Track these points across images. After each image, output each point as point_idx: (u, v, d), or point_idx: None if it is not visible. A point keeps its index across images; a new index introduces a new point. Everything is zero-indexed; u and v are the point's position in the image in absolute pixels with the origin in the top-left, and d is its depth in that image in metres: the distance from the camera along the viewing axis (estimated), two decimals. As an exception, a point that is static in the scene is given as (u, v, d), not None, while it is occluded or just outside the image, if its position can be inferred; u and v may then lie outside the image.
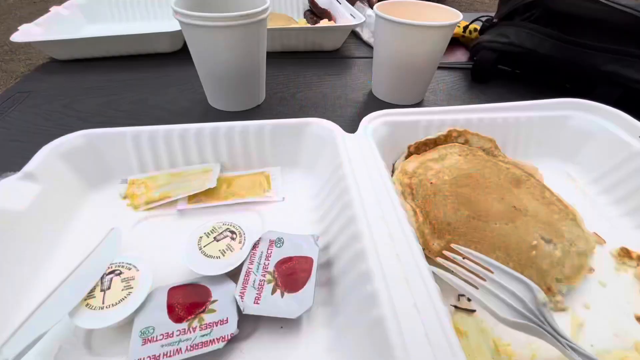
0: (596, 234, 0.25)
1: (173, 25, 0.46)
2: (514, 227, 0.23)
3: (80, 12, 0.58)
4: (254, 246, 0.22)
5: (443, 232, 0.23)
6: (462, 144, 0.30)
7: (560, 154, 0.32)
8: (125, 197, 0.27)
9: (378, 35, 0.37)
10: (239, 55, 0.33)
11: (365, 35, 0.58)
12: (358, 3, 0.63)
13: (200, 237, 0.21)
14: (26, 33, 0.46)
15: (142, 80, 0.44)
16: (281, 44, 0.51)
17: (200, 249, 0.21)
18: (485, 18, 0.50)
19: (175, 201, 0.26)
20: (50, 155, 0.25)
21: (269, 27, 0.43)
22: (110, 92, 0.42)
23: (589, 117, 0.31)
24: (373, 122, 0.29)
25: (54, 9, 0.55)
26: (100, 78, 0.45)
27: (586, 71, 0.38)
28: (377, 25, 0.37)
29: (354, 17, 0.53)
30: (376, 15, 0.36)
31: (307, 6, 0.65)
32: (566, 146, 0.32)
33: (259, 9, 0.32)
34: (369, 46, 0.56)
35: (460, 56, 0.53)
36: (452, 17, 0.36)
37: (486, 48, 0.45)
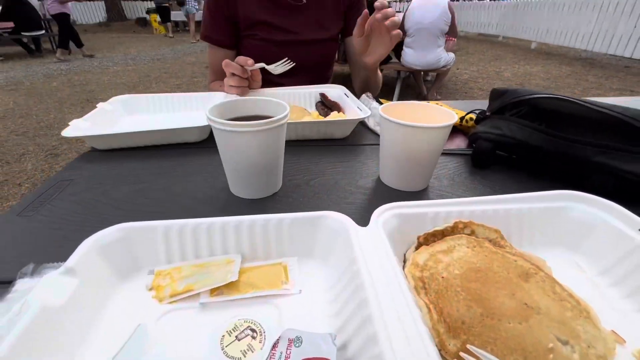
0: (614, 332, 0.25)
1: (200, 116, 0.52)
2: (528, 326, 0.23)
3: (121, 106, 0.67)
4: (274, 346, 0.22)
5: (458, 331, 0.23)
6: (469, 234, 0.32)
7: (566, 243, 0.33)
8: (151, 289, 0.28)
9: (383, 134, 0.42)
10: (262, 153, 0.38)
11: (371, 123, 0.64)
12: (364, 96, 0.71)
13: (223, 336, 0.22)
14: (75, 128, 0.53)
15: (170, 169, 0.49)
16: (296, 134, 0.57)
17: (222, 349, 0.21)
18: (479, 111, 0.56)
19: (198, 294, 0.28)
20: (89, 250, 0.28)
21: (286, 122, 0.49)
22: (142, 179, 0.46)
23: (587, 209, 0.33)
24: (383, 215, 0.32)
25: (100, 106, 0.63)
26: (134, 166, 0.50)
27: (578, 162, 0.41)
28: (382, 125, 0.42)
29: (361, 110, 0.60)
30: (381, 116, 0.41)
31: (318, 99, 0.74)
32: (570, 236, 0.33)
33: (282, 116, 0.37)
34: (375, 134, 0.62)
35: (460, 142, 0.58)
36: (449, 118, 0.41)
37: (482, 138, 0.49)
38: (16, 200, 1.82)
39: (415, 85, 3.90)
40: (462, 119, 0.59)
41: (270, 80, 0.92)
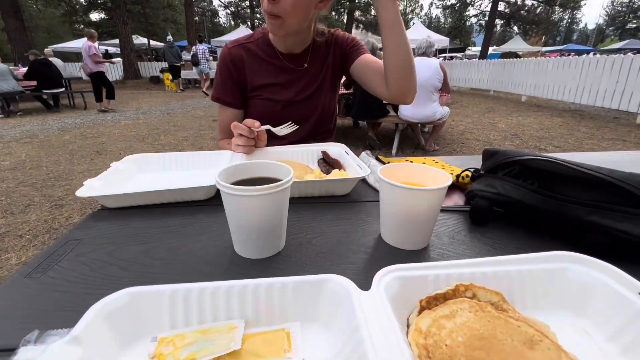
0: (628, 407, 0.24)
1: (209, 175, 0.55)
2: (537, 402, 0.23)
3: (133, 164, 0.71)
4: (277, 423, 0.22)
5: (465, 406, 0.22)
6: (471, 297, 0.32)
7: (569, 306, 0.33)
8: (153, 357, 0.28)
9: (382, 195, 0.44)
10: (266, 215, 0.40)
11: (371, 180, 0.67)
12: (363, 154, 0.75)
13: (225, 413, 0.22)
14: (89, 188, 0.56)
15: (179, 227, 0.51)
16: (299, 192, 0.60)
17: None
18: (474, 169, 0.58)
19: (201, 363, 0.27)
20: (96, 317, 0.28)
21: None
22: (150, 238, 0.47)
23: (586, 271, 0.34)
24: (384, 278, 0.32)
25: (113, 165, 0.67)
26: (142, 225, 0.51)
27: (572, 221, 0.43)
28: (381, 186, 0.44)
29: (361, 168, 0.63)
30: (380, 179, 0.43)
31: (320, 156, 0.78)
32: (572, 299, 0.33)
33: (286, 180, 0.40)
34: (375, 190, 0.64)
35: (457, 199, 0.60)
36: (444, 180, 0.43)
37: (479, 196, 0.51)
38: (15, 252, 1.81)
39: (414, 136, 4.06)
40: (458, 176, 0.61)
41: (275, 136, 0.97)
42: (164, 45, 10.69)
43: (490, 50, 21.73)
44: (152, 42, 21.18)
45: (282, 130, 0.74)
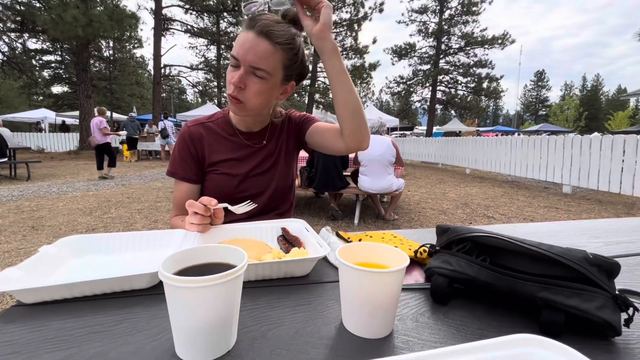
0: None
1: (158, 257, 0.50)
2: None
3: (67, 248, 0.63)
4: None
5: None
6: (440, 397, 0.30)
7: (539, 398, 0.32)
8: None
9: (342, 278, 0.43)
10: (215, 309, 0.36)
11: (332, 258, 0.65)
12: (323, 230, 0.74)
13: None
14: (3, 281, 0.47)
15: (108, 326, 0.43)
16: (255, 274, 0.56)
17: None
18: (430, 245, 0.60)
19: None
20: None
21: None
22: (69, 344, 0.39)
23: (548, 355, 0.33)
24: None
25: (43, 249, 0.59)
26: (63, 325, 0.43)
27: (526, 298, 0.43)
28: (340, 268, 0.43)
29: (321, 246, 0.62)
30: (339, 262, 0.42)
31: (280, 233, 0.76)
32: (540, 389, 0.32)
33: (239, 266, 0.37)
34: (336, 268, 0.62)
35: (417, 276, 0.59)
36: (402, 260, 0.43)
37: (437, 273, 0.51)
38: None
39: (374, 206, 4.20)
40: (416, 252, 0.62)
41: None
42: (126, 118, 11.01)
43: (435, 129, 24.70)
44: (115, 115, 21.25)
45: (240, 208, 0.73)
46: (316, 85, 17.42)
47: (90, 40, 12.56)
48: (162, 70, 15.25)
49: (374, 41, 16.45)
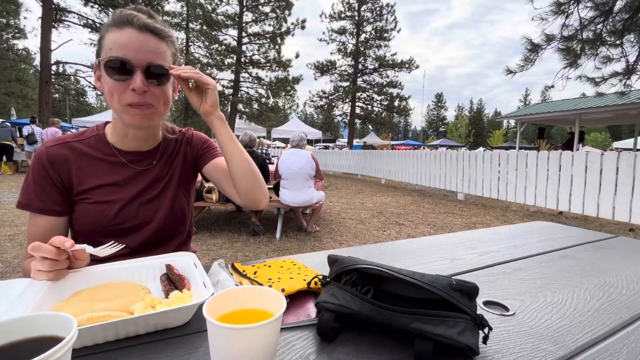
0: None
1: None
2: None
3: None
4: None
5: None
6: None
7: None
8: None
9: (210, 336, 0.37)
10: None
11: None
12: (215, 264, 0.68)
13: None
14: None
15: None
16: (116, 333, 0.46)
17: None
18: (322, 276, 0.58)
19: None
20: None
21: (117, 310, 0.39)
22: None
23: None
24: None
25: None
26: None
27: (402, 329, 0.44)
28: (208, 327, 0.37)
29: (205, 287, 0.55)
30: (207, 319, 0.36)
31: (164, 269, 0.66)
32: None
33: (61, 344, 0.29)
34: (224, 310, 0.56)
35: (310, 309, 0.57)
36: (279, 306, 0.39)
37: (324, 308, 0.50)
38: None
39: (297, 219, 4.20)
40: (309, 283, 0.60)
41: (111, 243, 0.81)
42: (-5, 123, 9.13)
43: (355, 142, 26.37)
44: (-18, 118, 17.13)
45: (104, 250, 0.60)
46: (239, 95, 16.99)
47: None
48: (54, 68, 12.94)
49: (297, 56, 16.91)
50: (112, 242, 0.63)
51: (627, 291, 0.68)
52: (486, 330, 0.45)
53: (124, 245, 0.64)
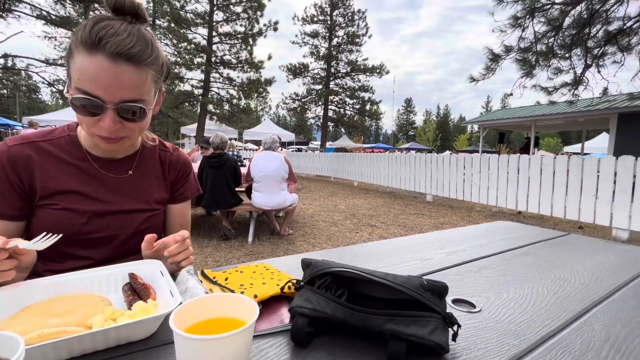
0: None
1: None
2: None
3: None
4: None
5: None
6: None
7: None
8: None
9: (177, 349, 0.35)
10: None
11: (190, 306, 0.56)
12: (183, 271, 0.64)
13: None
14: None
15: None
16: (70, 351, 0.42)
17: None
18: (296, 280, 0.58)
19: None
20: None
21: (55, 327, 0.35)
22: None
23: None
24: None
25: None
26: None
27: (376, 331, 0.45)
28: (174, 338, 0.35)
29: (173, 296, 0.52)
30: (174, 331, 0.34)
31: (127, 279, 0.62)
32: None
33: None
34: (193, 320, 0.54)
35: (284, 314, 0.56)
36: (251, 310, 0.38)
37: (298, 313, 0.49)
38: None
39: (269, 222, 4.15)
40: (282, 288, 0.59)
41: (73, 255, 0.75)
42: None
43: (328, 144, 26.58)
44: None
45: (38, 244, 0.54)
46: (209, 96, 16.53)
47: None
48: (2, 61, 11.86)
49: (269, 57, 16.75)
50: (47, 234, 0.56)
51: (579, 285, 0.73)
52: (455, 327, 0.46)
53: (60, 235, 0.58)
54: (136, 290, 0.58)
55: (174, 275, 0.66)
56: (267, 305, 0.59)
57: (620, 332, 0.53)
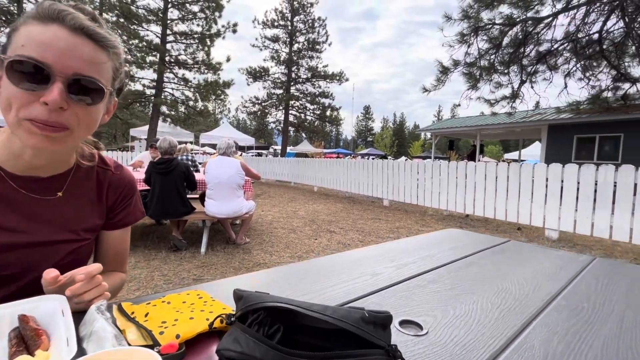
0: None
1: None
2: None
3: None
4: None
5: None
6: None
7: None
8: None
9: None
10: None
11: (91, 349, 0.47)
12: (92, 308, 0.54)
13: None
14: None
15: None
16: None
17: None
18: (227, 315, 0.51)
19: None
20: None
21: None
22: None
23: None
24: None
25: None
26: None
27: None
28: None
29: (68, 345, 0.43)
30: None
31: (16, 322, 0.50)
32: None
33: None
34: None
35: (215, 356, 0.49)
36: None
37: (225, 357, 0.43)
38: None
39: (225, 230, 3.96)
40: (211, 324, 0.52)
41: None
42: None
43: (289, 149, 26.46)
44: None
45: None
46: (163, 97, 15.59)
47: None
48: None
49: (228, 59, 16.26)
50: None
51: (520, 295, 0.75)
52: (399, 361, 0.43)
53: None
54: (24, 338, 0.47)
55: (84, 311, 0.55)
56: (194, 344, 0.51)
57: (557, 348, 0.54)
